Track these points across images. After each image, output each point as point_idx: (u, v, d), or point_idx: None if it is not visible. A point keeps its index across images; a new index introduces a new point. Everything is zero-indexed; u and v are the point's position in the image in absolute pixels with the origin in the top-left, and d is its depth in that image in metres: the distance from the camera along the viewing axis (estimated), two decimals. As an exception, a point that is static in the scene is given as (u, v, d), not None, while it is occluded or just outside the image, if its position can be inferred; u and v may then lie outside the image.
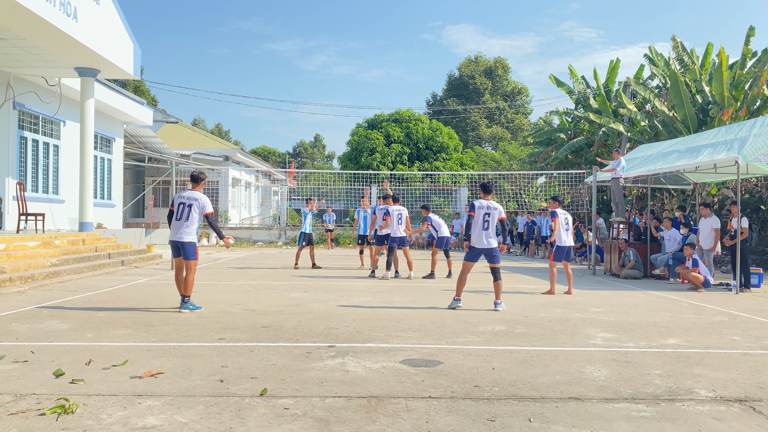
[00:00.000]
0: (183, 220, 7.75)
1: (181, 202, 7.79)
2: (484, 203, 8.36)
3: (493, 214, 8.33)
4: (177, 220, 7.78)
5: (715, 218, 11.85)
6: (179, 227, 7.75)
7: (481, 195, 8.59)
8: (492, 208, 8.35)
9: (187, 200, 7.78)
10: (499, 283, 8.41)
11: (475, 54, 56.62)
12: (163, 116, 32.04)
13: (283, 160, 71.80)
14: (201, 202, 7.79)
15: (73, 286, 10.09)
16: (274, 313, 7.56)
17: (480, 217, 8.31)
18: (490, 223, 8.32)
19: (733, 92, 18.94)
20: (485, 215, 8.31)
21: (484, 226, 8.30)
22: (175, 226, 7.79)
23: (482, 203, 8.36)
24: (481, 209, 8.33)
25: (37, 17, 10.90)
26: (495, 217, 8.34)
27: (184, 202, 7.78)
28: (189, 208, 7.76)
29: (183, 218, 7.75)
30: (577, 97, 26.01)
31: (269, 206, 38.91)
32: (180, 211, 7.77)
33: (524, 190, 27.33)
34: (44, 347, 5.52)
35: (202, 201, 7.80)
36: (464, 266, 8.41)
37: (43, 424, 3.55)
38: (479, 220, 8.32)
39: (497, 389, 4.39)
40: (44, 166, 16.28)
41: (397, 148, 30.25)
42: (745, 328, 7.08)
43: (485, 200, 8.42)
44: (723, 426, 3.70)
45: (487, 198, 8.49)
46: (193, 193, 7.84)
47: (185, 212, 7.76)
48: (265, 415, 3.75)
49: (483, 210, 8.33)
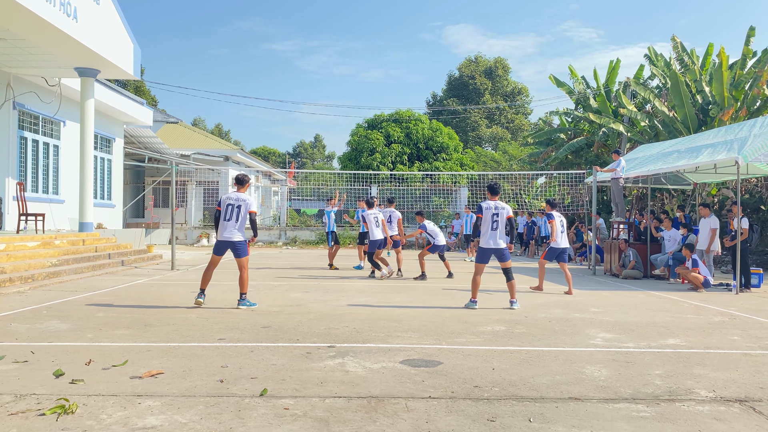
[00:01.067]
0: (233, 221, 8.08)
1: (229, 204, 8.16)
2: (491, 204, 8.43)
3: (502, 214, 8.40)
4: (226, 220, 8.13)
5: (713, 218, 11.84)
6: (229, 227, 8.07)
7: (488, 196, 8.63)
8: (500, 208, 8.43)
9: (235, 201, 8.13)
10: (512, 282, 8.52)
11: (475, 54, 56.60)
12: (163, 116, 32.04)
13: (283, 160, 71.79)
14: (248, 203, 8.19)
15: (73, 286, 10.09)
16: (274, 314, 7.56)
17: (488, 217, 8.38)
18: (499, 223, 8.38)
19: (734, 92, 18.94)
20: (494, 215, 8.38)
21: (493, 226, 8.37)
22: (224, 226, 8.11)
23: (489, 204, 8.44)
24: (488, 210, 8.41)
25: (37, 17, 10.90)
26: (504, 216, 8.41)
27: (233, 204, 8.13)
28: (238, 209, 8.11)
29: (233, 219, 8.09)
30: (577, 98, 26.01)
31: (269, 206, 38.90)
32: (229, 212, 8.13)
33: (524, 190, 27.32)
34: (44, 347, 5.52)
35: (249, 201, 8.22)
36: (477, 268, 8.46)
37: (43, 424, 3.55)
38: (488, 220, 8.38)
39: (497, 389, 4.39)
40: (44, 166, 16.27)
41: (397, 149, 30.24)
42: (745, 328, 7.08)
43: (492, 201, 8.48)
44: (723, 426, 3.70)
45: (494, 199, 8.54)
46: (240, 195, 8.23)
47: (234, 213, 8.10)
48: (265, 416, 3.75)
49: (491, 210, 8.40)
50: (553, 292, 10.28)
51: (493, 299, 9.19)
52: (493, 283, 11.23)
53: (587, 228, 18.29)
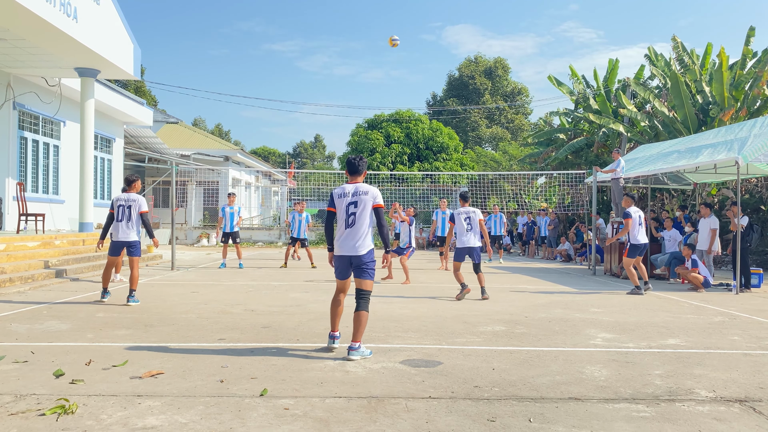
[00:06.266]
0: (124, 221, 8.21)
1: (120, 205, 8.33)
2: (462, 210, 9.40)
3: (473, 218, 9.32)
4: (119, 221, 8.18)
5: (713, 218, 11.84)
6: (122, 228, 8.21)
7: (460, 203, 9.69)
8: (471, 212, 9.36)
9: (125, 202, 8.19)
10: (481, 275, 9.45)
11: (475, 54, 56.43)
12: (164, 116, 32.03)
13: (283, 160, 71.78)
14: (138, 203, 8.24)
15: (73, 286, 10.09)
16: (275, 314, 7.56)
17: (461, 221, 9.33)
18: (472, 226, 9.31)
19: (734, 92, 18.93)
20: (466, 218, 9.32)
21: (467, 228, 9.31)
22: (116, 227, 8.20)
23: (461, 210, 9.41)
24: (459, 215, 9.37)
25: (37, 18, 10.89)
26: (476, 219, 9.32)
27: (123, 204, 8.19)
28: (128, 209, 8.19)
29: (124, 219, 8.22)
30: (577, 98, 26.00)
31: (269, 206, 38.93)
32: (120, 213, 8.19)
33: (524, 190, 27.31)
34: (44, 347, 5.52)
35: (139, 201, 8.25)
36: (455, 265, 9.44)
37: (43, 424, 3.55)
38: (461, 224, 9.32)
39: (497, 389, 4.39)
40: (44, 166, 16.27)
41: (397, 149, 30.23)
42: (745, 328, 7.08)
43: (463, 207, 9.48)
44: (723, 426, 3.70)
45: (465, 205, 9.56)
46: (131, 195, 8.24)
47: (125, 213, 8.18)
48: (265, 416, 3.75)
49: (462, 215, 9.35)
50: (553, 292, 10.28)
51: (493, 299, 9.19)
52: (494, 283, 11.22)
53: (587, 228, 18.28)
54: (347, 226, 5.40)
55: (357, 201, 5.40)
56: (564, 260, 18.83)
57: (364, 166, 5.61)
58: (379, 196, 5.48)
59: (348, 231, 5.40)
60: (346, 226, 5.41)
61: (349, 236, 5.39)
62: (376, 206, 5.44)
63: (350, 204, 5.41)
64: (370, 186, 5.49)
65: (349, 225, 5.39)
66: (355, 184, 5.51)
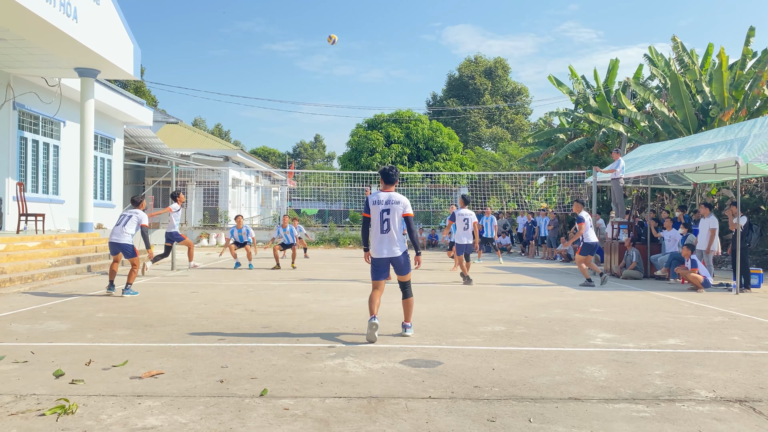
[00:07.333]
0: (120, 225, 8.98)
1: (124, 215, 9.01)
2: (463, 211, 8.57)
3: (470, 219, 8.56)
4: (116, 225, 8.97)
5: (713, 218, 11.83)
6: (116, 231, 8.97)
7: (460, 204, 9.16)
8: (469, 214, 8.73)
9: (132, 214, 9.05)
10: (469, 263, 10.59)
11: (475, 54, 56.51)
12: (163, 116, 32.03)
13: (283, 160, 71.78)
14: (140, 217, 9.07)
15: (73, 286, 10.09)
16: (274, 314, 7.56)
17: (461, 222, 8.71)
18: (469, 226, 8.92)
19: (734, 93, 18.94)
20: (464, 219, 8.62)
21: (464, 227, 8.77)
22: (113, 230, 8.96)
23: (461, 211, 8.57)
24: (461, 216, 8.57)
25: (37, 18, 10.90)
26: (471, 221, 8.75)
27: (127, 215, 9.02)
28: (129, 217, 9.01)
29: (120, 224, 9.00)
30: (577, 98, 26.01)
31: (269, 207, 38.93)
32: (120, 219, 9.02)
33: (524, 190, 27.33)
34: (44, 347, 5.52)
35: (140, 216, 9.09)
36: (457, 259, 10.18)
37: (43, 424, 3.55)
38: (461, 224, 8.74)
39: (497, 389, 4.39)
40: (44, 166, 16.27)
41: (397, 149, 30.24)
42: (745, 328, 7.08)
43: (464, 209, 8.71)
44: (723, 426, 3.70)
45: (465, 207, 8.84)
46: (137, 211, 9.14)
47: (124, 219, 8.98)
48: (265, 416, 3.75)
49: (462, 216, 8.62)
50: (553, 292, 10.28)
51: (492, 299, 9.19)
52: (494, 283, 11.21)
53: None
54: (382, 231, 5.94)
55: (390, 209, 5.93)
56: (564, 260, 18.83)
57: (398, 176, 6.06)
58: (409, 206, 5.98)
59: (383, 236, 5.95)
60: (381, 231, 5.95)
61: (385, 240, 5.94)
62: (406, 215, 5.95)
63: (383, 211, 5.92)
64: (401, 195, 5.98)
65: (384, 230, 5.94)
66: (388, 193, 5.99)
